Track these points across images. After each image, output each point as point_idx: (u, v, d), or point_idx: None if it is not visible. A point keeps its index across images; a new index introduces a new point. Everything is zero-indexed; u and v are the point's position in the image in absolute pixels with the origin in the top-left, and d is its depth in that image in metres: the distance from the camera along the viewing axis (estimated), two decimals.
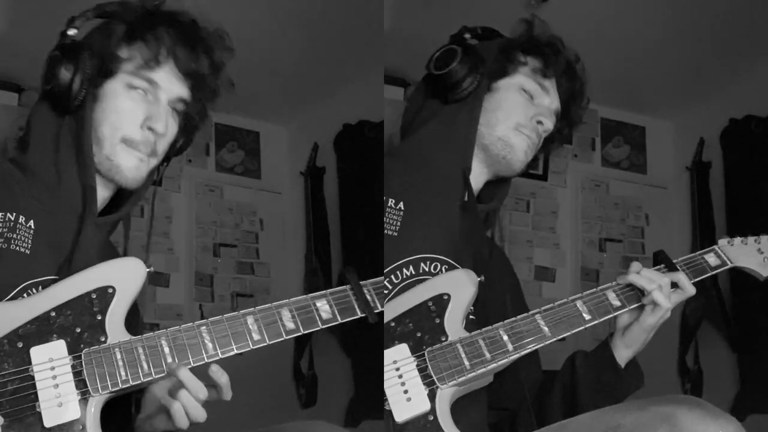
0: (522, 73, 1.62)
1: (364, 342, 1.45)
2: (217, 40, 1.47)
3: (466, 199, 1.53)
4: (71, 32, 1.40)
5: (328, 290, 1.39)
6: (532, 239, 3.26)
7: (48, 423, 1.18)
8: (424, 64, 1.61)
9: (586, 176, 3.37)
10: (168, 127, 1.44)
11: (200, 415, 1.23)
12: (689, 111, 3.32)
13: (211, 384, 1.25)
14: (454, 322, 1.39)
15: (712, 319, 3.07)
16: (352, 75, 2.95)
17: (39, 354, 1.22)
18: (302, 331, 1.34)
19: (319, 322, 1.35)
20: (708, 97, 3.16)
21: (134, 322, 1.37)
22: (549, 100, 1.63)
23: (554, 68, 1.63)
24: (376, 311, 1.39)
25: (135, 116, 1.41)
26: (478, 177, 1.60)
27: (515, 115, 1.59)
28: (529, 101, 1.61)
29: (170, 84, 1.43)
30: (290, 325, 1.33)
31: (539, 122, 1.59)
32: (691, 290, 1.48)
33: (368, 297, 1.40)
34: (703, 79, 3.03)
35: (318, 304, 1.37)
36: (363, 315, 1.38)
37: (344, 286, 1.40)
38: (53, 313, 1.25)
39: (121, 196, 1.49)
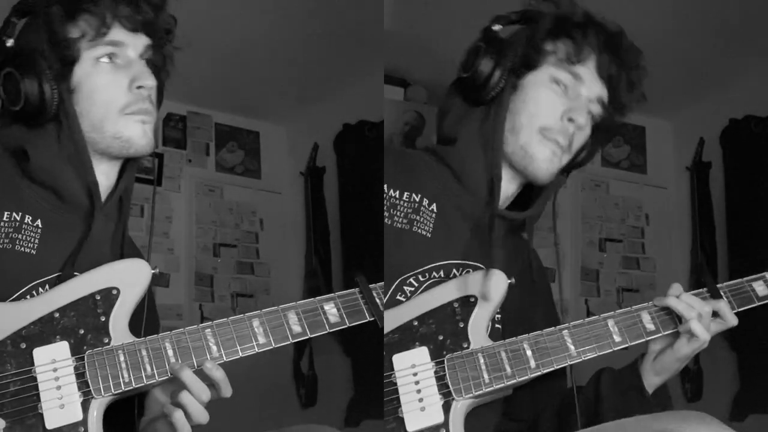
0: (550, 63, 1.44)
1: (364, 342, 1.44)
2: None
3: (493, 207, 1.42)
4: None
5: (336, 293, 1.36)
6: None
7: (50, 425, 1.18)
8: (425, 64, 1.56)
9: (585, 176, 3.37)
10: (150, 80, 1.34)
11: (203, 416, 1.22)
12: (689, 111, 3.32)
13: (209, 383, 1.24)
14: (478, 328, 1.32)
15: None
16: (352, 75, 2.95)
17: (42, 355, 1.21)
18: (309, 335, 1.32)
19: (327, 326, 1.33)
20: (708, 97, 3.16)
21: (151, 319, 1.37)
22: (585, 88, 1.43)
23: (588, 50, 1.43)
24: None
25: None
26: (509, 182, 1.47)
27: (541, 116, 1.42)
28: (562, 95, 1.43)
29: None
30: (297, 329, 1.31)
31: (570, 119, 1.41)
32: (733, 321, 1.35)
33: (378, 301, 1.37)
34: (703, 79, 3.03)
35: (326, 307, 1.34)
36: (372, 319, 1.35)
37: (353, 289, 1.37)
38: (57, 314, 1.24)
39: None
